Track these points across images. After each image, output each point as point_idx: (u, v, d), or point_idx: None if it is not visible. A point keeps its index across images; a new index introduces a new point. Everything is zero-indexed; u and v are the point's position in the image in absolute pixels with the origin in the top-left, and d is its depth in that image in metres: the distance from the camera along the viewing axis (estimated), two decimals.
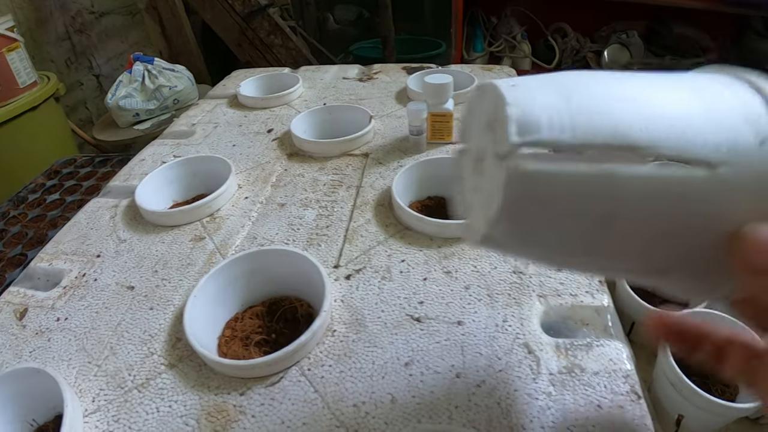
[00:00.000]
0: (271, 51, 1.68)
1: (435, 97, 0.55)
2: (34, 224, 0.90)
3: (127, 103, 1.48)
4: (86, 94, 1.90)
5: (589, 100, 0.18)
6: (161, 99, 1.51)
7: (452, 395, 0.31)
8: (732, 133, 0.17)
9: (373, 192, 0.51)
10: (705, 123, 0.17)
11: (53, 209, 0.93)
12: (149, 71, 1.51)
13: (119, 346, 0.40)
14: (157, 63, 1.53)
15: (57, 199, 0.97)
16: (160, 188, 0.57)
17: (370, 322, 0.37)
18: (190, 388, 0.36)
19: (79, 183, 1.01)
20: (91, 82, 1.92)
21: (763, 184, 0.17)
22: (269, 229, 0.48)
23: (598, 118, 0.17)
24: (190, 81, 1.55)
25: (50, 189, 1.02)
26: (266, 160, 0.59)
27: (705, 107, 0.18)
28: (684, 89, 0.19)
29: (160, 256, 0.48)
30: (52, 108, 1.46)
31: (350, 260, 0.43)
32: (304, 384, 0.34)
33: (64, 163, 1.10)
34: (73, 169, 1.07)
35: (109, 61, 1.96)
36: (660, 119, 0.17)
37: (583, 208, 0.17)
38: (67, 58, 1.85)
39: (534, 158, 0.16)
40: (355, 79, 0.80)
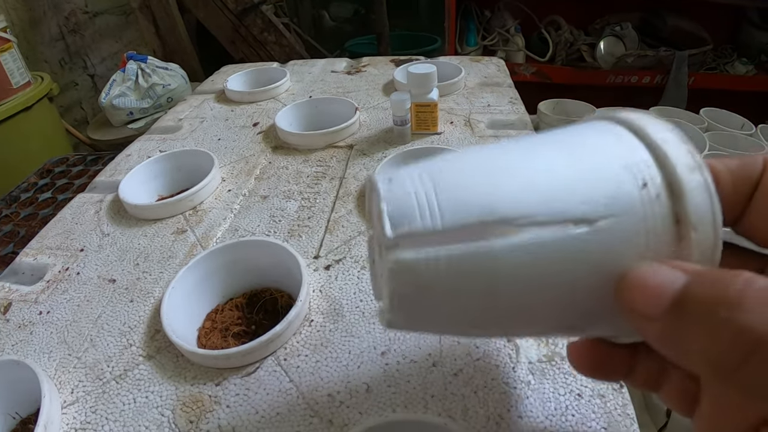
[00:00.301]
0: (265, 48, 1.67)
1: (419, 87, 0.55)
2: (26, 223, 0.90)
3: (120, 102, 1.48)
4: (81, 94, 1.90)
5: (458, 180, 0.18)
6: (155, 97, 1.50)
7: (428, 384, 0.31)
8: (611, 183, 0.17)
9: (356, 183, 0.51)
10: (581, 180, 0.17)
11: (45, 207, 0.93)
12: (143, 70, 1.50)
13: (99, 338, 0.39)
14: (151, 61, 1.53)
15: (49, 198, 0.97)
16: (145, 183, 0.57)
17: (348, 311, 0.37)
18: (167, 379, 0.35)
19: (71, 181, 1.01)
20: (85, 82, 1.92)
21: (648, 224, 0.17)
22: (251, 221, 0.48)
23: (467, 197, 0.17)
24: (184, 79, 1.55)
25: (42, 188, 1.02)
26: (251, 153, 0.59)
27: (581, 164, 0.18)
28: (560, 149, 0.19)
29: (141, 249, 0.47)
30: (46, 108, 1.46)
31: (330, 251, 0.42)
32: (279, 374, 0.34)
33: (57, 162, 1.10)
34: (65, 167, 1.07)
35: (104, 61, 1.96)
36: (532, 186, 0.17)
37: (467, 287, 0.17)
38: (61, 59, 1.85)
39: (410, 247, 0.17)
40: (343, 72, 0.80)
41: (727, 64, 1.41)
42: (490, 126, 0.59)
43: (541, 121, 0.79)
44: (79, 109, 1.92)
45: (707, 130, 0.78)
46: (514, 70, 1.36)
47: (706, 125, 0.79)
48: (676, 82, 1.31)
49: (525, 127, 0.58)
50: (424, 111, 0.56)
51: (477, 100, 0.66)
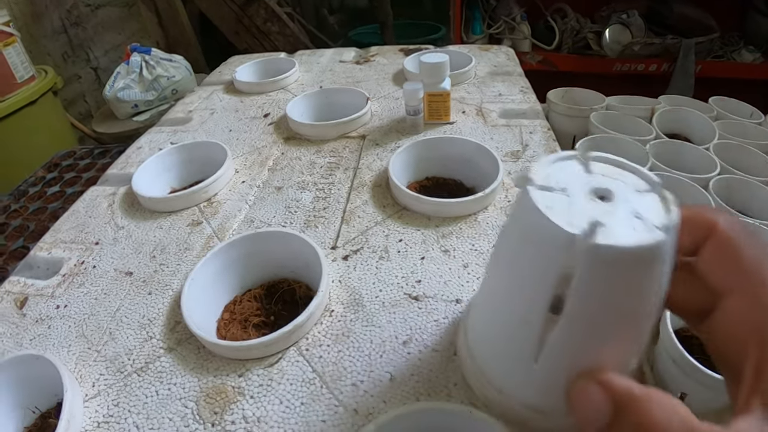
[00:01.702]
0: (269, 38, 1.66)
1: (431, 77, 0.54)
2: (35, 217, 0.90)
3: (125, 95, 1.48)
4: (84, 87, 1.90)
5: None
6: (159, 89, 1.50)
7: (450, 373, 0.31)
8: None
9: (371, 173, 0.51)
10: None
11: (53, 201, 0.93)
12: (147, 62, 1.50)
13: (118, 331, 0.39)
14: (155, 53, 1.52)
15: (57, 191, 0.97)
16: (157, 175, 0.57)
17: (368, 301, 0.37)
18: (189, 371, 0.36)
19: (79, 175, 1.01)
20: (89, 74, 1.91)
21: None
22: (266, 212, 0.48)
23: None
24: (188, 71, 1.54)
25: (50, 182, 1.02)
26: (263, 144, 0.59)
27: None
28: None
29: (157, 241, 0.47)
30: (51, 102, 1.46)
31: (348, 241, 0.43)
32: (302, 364, 0.34)
33: (64, 155, 1.10)
34: (72, 161, 1.07)
35: (107, 53, 1.95)
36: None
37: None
38: (64, 52, 1.84)
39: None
40: (352, 62, 0.79)
41: (734, 52, 1.40)
42: (502, 115, 0.59)
43: (551, 110, 0.78)
44: (82, 102, 1.91)
45: (716, 118, 0.78)
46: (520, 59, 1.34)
47: (715, 114, 0.79)
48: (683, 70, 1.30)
49: (537, 117, 0.58)
50: (437, 101, 0.55)
51: (488, 89, 0.65)
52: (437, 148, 0.51)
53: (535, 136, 0.54)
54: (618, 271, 0.19)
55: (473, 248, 0.40)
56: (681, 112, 0.76)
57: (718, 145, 0.68)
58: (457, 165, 0.51)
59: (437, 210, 0.43)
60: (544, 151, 0.52)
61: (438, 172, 0.52)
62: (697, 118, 0.75)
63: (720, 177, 0.61)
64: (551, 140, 0.53)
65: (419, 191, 0.51)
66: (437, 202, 0.43)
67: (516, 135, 0.55)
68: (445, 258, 0.39)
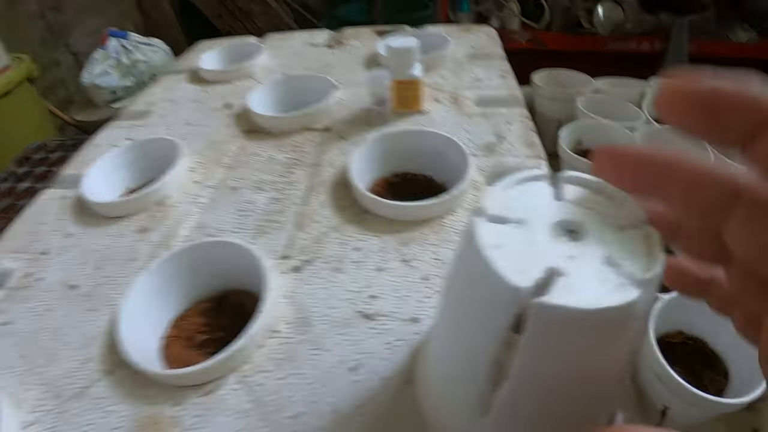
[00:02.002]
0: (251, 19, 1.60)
1: (399, 63, 0.50)
2: (5, 215, 0.87)
3: (103, 81, 1.43)
4: (64, 74, 1.84)
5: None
6: (138, 75, 1.45)
7: (400, 405, 0.28)
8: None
9: (332, 170, 0.47)
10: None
11: (24, 198, 0.90)
12: (124, 47, 1.44)
13: (59, 352, 0.37)
14: (132, 38, 1.46)
15: (28, 188, 0.94)
16: (111, 175, 0.53)
17: (317, 320, 0.33)
18: (125, 397, 0.33)
19: (50, 169, 0.97)
20: (68, 60, 1.85)
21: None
22: (218, 216, 0.44)
23: None
24: (167, 55, 1.49)
25: (21, 177, 0.98)
26: (221, 138, 0.55)
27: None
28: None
29: (104, 250, 0.44)
30: (27, 91, 1.41)
31: (300, 250, 0.39)
32: (240, 393, 0.31)
33: (36, 148, 1.06)
34: (44, 154, 1.03)
35: (87, 37, 1.88)
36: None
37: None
38: (42, 37, 1.78)
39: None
40: (324, 45, 0.74)
41: (729, 31, 1.35)
42: (478, 103, 0.55)
43: (536, 93, 0.74)
44: (63, 88, 1.86)
45: None
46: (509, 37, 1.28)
47: None
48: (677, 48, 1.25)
49: (516, 104, 0.53)
50: (406, 89, 0.51)
51: (465, 74, 0.61)
52: (404, 142, 0.47)
53: (512, 127, 0.50)
54: (574, 336, 0.16)
55: (435, 257, 0.37)
56: None
57: None
58: (427, 159, 0.47)
59: (398, 213, 0.40)
60: (522, 144, 0.48)
61: (407, 167, 0.48)
62: None
63: None
64: (530, 131, 0.49)
65: (386, 188, 0.47)
66: (398, 206, 0.39)
67: (492, 125, 0.51)
68: (405, 269, 0.36)
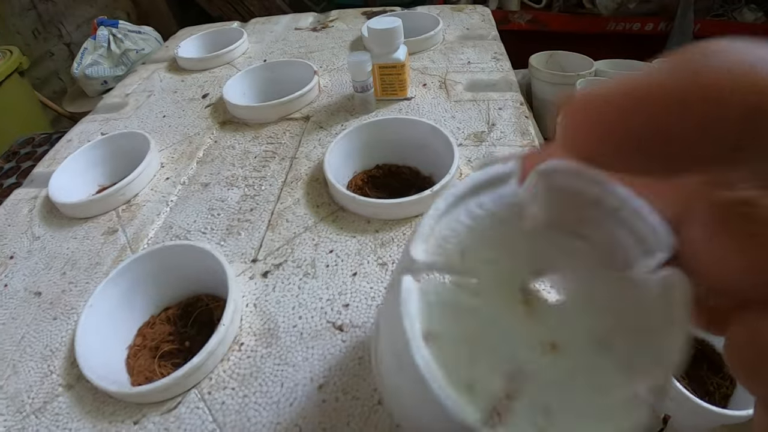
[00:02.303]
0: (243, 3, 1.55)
1: (382, 46, 0.46)
2: None
3: (94, 72, 1.40)
4: (58, 65, 1.80)
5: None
6: (129, 64, 1.41)
7: (371, 427, 0.25)
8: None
9: (309, 164, 0.44)
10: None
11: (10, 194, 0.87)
12: (114, 35, 1.41)
13: (21, 364, 0.35)
14: (122, 26, 1.42)
15: (14, 183, 0.91)
16: (82, 173, 0.50)
17: (284, 332, 0.31)
18: (85, 414, 0.31)
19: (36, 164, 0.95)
20: (62, 51, 1.82)
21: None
22: (187, 216, 0.41)
23: None
24: (159, 42, 1.45)
25: (8, 172, 0.96)
26: (195, 131, 0.52)
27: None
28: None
29: (70, 254, 0.42)
30: (17, 83, 1.38)
31: (271, 252, 0.36)
32: (202, 411, 0.28)
33: (23, 143, 1.04)
34: (30, 149, 1.01)
35: (79, 27, 1.85)
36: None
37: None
38: (34, 29, 1.74)
39: None
40: (309, 29, 0.70)
41: (735, 11, 1.30)
42: (468, 88, 0.51)
43: (533, 76, 0.70)
44: (57, 80, 1.83)
45: None
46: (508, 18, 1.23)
47: None
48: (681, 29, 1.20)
49: (510, 89, 0.50)
50: (390, 73, 0.48)
51: (456, 56, 0.57)
52: (387, 131, 0.44)
53: (504, 113, 0.47)
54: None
55: None
56: None
57: None
58: (412, 150, 0.44)
59: (377, 212, 0.36)
60: (514, 132, 0.44)
61: (390, 158, 0.45)
62: None
63: None
64: (524, 118, 0.46)
65: (367, 182, 0.44)
66: (376, 204, 0.36)
67: (482, 112, 0.47)
68: (381, 273, 0.33)
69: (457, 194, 0.13)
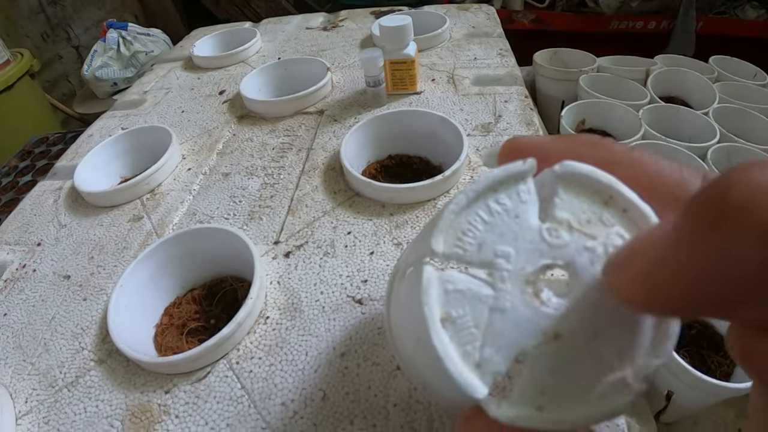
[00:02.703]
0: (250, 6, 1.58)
1: (393, 42, 0.49)
2: (8, 209, 0.87)
3: (103, 73, 1.42)
4: (67, 67, 1.84)
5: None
6: (138, 66, 1.44)
7: (390, 391, 0.27)
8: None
9: (324, 154, 0.46)
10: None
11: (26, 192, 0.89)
12: (124, 38, 1.43)
13: (52, 342, 0.37)
14: (132, 28, 1.45)
15: (29, 181, 0.94)
16: (105, 165, 0.53)
17: (307, 306, 0.33)
18: (117, 386, 0.33)
19: (51, 162, 0.97)
20: (70, 54, 1.85)
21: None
22: (210, 203, 0.43)
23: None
24: (167, 44, 1.48)
25: (23, 171, 0.99)
26: (214, 125, 0.54)
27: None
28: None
29: (97, 240, 0.44)
30: (28, 85, 1.41)
31: (292, 235, 0.38)
32: (231, 380, 0.30)
33: (37, 142, 1.06)
34: (45, 148, 1.03)
35: (87, 30, 1.88)
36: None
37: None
38: (43, 32, 1.77)
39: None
40: (319, 28, 0.73)
41: (737, 8, 1.30)
42: (475, 82, 0.53)
43: (537, 73, 0.72)
44: (66, 82, 1.86)
45: (717, 80, 0.71)
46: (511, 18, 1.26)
47: (716, 75, 0.72)
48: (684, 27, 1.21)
49: (515, 83, 0.52)
50: (400, 69, 0.50)
51: (462, 53, 0.59)
52: (398, 123, 0.46)
53: (510, 105, 0.49)
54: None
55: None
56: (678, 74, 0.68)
57: (719, 110, 0.62)
58: (422, 141, 0.46)
59: (391, 196, 0.38)
60: (520, 123, 0.46)
61: (402, 149, 0.47)
62: (696, 80, 0.68)
63: (720, 145, 0.55)
64: (528, 110, 0.48)
65: (380, 171, 0.46)
66: (391, 188, 0.38)
67: (489, 104, 0.49)
68: (397, 252, 0.35)
69: (478, 190, 0.14)
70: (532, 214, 0.14)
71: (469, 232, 0.14)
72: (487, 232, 0.14)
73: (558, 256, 0.13)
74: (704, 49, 0.97)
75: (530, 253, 0.13)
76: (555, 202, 0.14)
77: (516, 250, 0.13)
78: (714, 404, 0.37)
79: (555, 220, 0.14)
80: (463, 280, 0.13)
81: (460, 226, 0.14)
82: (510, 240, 0.14)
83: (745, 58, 0.77)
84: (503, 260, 0.13)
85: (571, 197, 0.14)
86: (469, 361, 0.13)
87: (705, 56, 0.78)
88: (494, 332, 0.13)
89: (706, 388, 0.32)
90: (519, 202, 0.14)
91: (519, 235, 0.14)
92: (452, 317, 0.13)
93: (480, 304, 0.13)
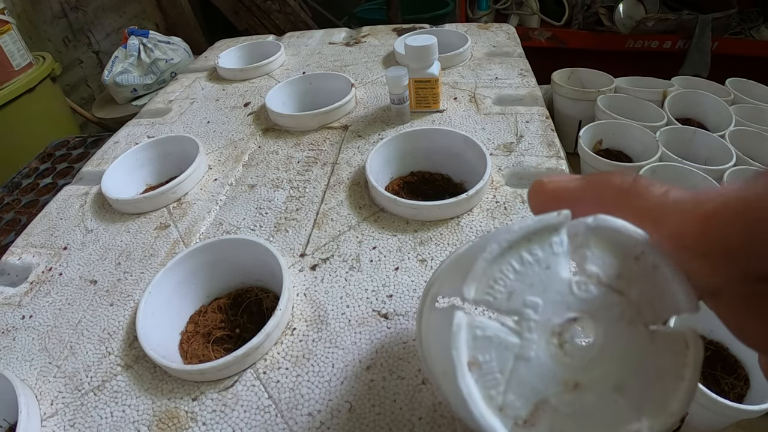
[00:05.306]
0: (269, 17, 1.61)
1: (418, 61, 0.50)
2: (28, 210, 0.89)
3: (124, 79, 1.45)
4: (86, 72, 1.87)
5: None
6: (158, 73, 1.47)
7: (416, 405, 0.28)
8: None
9: (349, 169, 0.47)
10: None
11: (46, 194, 0.91)
12: (144, 45, 1.46)
13: (78, 345, 0.37)
14: (152, 36, 1.48)
15: (49, 183, 0.95)
16: (131, 172, 0.54)
17: (333, 319, 0.33)
18: (144, 392, 0.33)
19: (71, 165, 0.99)
20: (90, 59, 1.88)
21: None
22: (236, 214, 0.44)
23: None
24: (187, 53, 1.51)
25: (43, 173, 1.00)
26: (240, 137, 0.55)
27: None
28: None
29: (124, 246, 0.45)
30: (49, 88, 1.43)
31: (318, 248, 0.39)
32: (258, 389, 0.31)
33: (58, 145, 1.08)
34: (65, 151, 1.05)
35: (108, 36, 1.91)
36: None
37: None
38: (64, 37, 1.81)
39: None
40: (342, 43, 0.74)
41: (753, 29, 1.31)
42: (497, 102, 0.54)
43: (556, 92, 0.73)
44: (85, 86, 1.89)
45: (733, 102, 0.71)
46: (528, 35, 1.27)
47: (732, 97, 0.72)
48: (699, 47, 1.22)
49: (535, 103, 0.53)
50: (424, 87, 0.51)
51: (484, 72, 0.60)
52: (422, 141, 0.47)
53: (531, 126, 0.50)
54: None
55: None
56: (695, 96, 0.69)
57: (735, 133, 0.62)
58: (445, 158, 0.47)
59: (415, 213, 0.39)
60: (541, 143, 0.47)
61: (424, 166, 0.48)
62: (712, 102, 0.68)
63: (735, 168, 0.55)
64: (549, 130, 0.49)
65: (403, 188, 0.47)
66: (415, 205, 0.39)
67: (511, 124, 0.50)
68: (421, 269, 0.36)
69: (511, 240, 0.14)
70: (563, 266, 0.14)
71: (500, 280, 0.14)
72: (518, 281, 0.14)
73: (585, 309, 0.14)
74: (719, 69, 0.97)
75: (558, 304, 0.14)
76: (586, 255, 0.14)
77: (544, 301, 0.14)
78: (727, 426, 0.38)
79: (585, 273, 0.14)
80: (492, 327, 0.14)
81: (492, 275, 0.14)
82: (539, 291, 0.14)
83: (759, 78, 0.78)
84: (531, 310, 0.14)
85: (603, 251, 0.14)
86: (492, 404, 0.13)
87: (720, 76, 0.78)
88: (518, 379, 0.13)
89: (720, 409, 0.32)
90: (551, 253, 0.14)
91: (548, 287, 0.14)
92: (479, 362, 0.14)
93: (506, 351, 0.14)
